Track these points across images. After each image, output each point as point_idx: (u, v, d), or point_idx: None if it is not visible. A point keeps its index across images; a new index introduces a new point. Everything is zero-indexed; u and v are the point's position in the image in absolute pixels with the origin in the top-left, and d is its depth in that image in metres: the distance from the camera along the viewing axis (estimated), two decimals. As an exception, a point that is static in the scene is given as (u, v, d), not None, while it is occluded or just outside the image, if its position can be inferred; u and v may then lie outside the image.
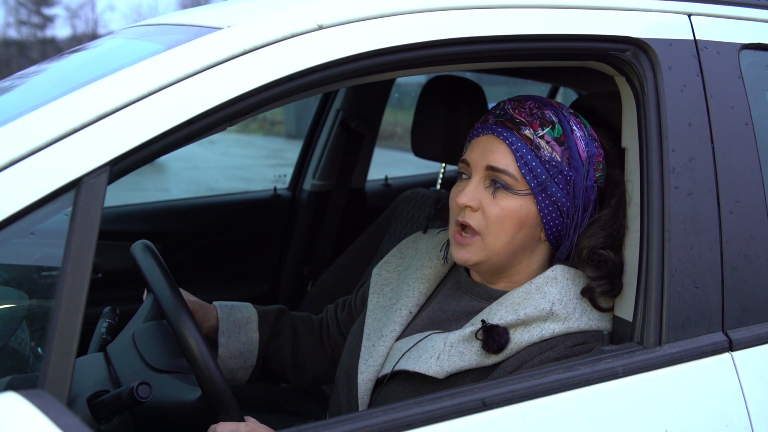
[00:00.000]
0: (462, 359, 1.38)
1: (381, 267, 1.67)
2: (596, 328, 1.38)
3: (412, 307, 1.55)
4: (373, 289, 1.64)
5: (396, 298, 1.58)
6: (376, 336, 1.54)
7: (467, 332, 1.40)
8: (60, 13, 33.74)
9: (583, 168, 1.43)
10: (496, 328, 1.37)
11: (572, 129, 1.44)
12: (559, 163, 1.41)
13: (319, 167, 3.09)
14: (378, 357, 1.51)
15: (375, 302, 1.61)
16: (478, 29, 1.30)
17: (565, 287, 1.40)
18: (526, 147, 1.40)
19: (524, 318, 1.37)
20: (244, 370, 1.66)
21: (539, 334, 1.36)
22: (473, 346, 1.38)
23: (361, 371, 1.50)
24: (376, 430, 1.16)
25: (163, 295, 1.38)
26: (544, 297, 1.39)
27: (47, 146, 1.07)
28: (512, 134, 1.41)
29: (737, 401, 1.36)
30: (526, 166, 1.40)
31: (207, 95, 1.16)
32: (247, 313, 1.69)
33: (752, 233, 1.43)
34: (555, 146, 1.42)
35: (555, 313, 1.37)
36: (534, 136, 1.41)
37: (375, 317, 1.58)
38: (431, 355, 1.40)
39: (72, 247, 1.06)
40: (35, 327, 1.31)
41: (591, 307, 1.40)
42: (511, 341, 1.36)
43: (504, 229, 1.41)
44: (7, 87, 1.57)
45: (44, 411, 0.89)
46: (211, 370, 1.28)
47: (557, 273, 1.42)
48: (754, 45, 1.53)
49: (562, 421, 1.25)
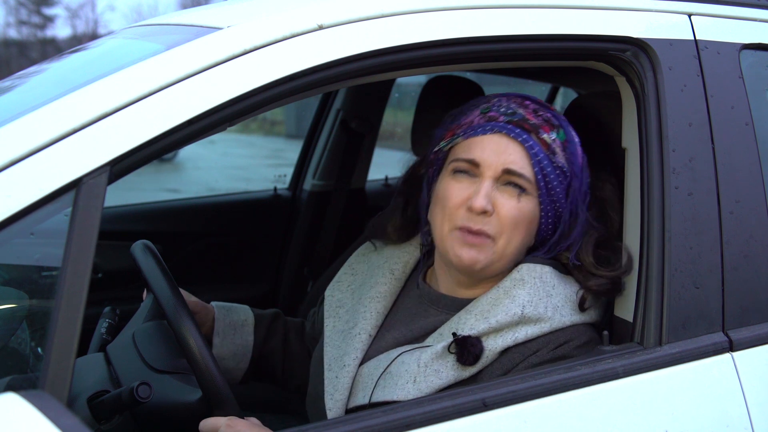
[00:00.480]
0: (439, 377, 1.34)
1: (333, 288, 1.60)
2: (571, 323, 1.36)
3: (371, 329, 1.48)
4: (328, 312, 1.56)
5: (353, 322, 1.50)
6: (338, 366, 1.46)
7: (439, 348, 1.36)
8: (60, 13, 33.78)
9: (581, 174, 1.42)
10: (469, 338, 1.33)
11: (572, 134, 1.43)
12: (566, 169, 1.40)
13: (320, 167, 3.09)
14: (343, 389, 1.43)
15: (332, 327, 1.53)
16: (478, 29, 1.30)
17: (533, 287, 1.37)
18: (544, 152, 1.37)
19: (496, 325, 1.34)
20: (237, 371, 1.65)
21: (512, 337, 1.34)
22: (448, 361, 1.35)
23: (329, 407, 1.43)
24: (376, 430, 1.16)
25: (163, 295, 1.38)
26: (514, 301, 1.35)
27: (47, 146, 1.07)
28: (531, 137, 1.37)
29: (737, 401, 1.36)
30: (541, 171, 1.37)
31: (207, 95, 1.15)
32: (243, 316, 1.68)
33: (752, 233, 1.43)
34: (562, 150, 1.40)
35: (527, 317, 1.34)
36: (551, 141, 1.38)
37: (333, 344, 1.50)
38: (407, 380, 1.35)
39: (72, 247, 1.06)
40: (35, 327, 1.31)
41: (563, 302, 1.36)
42: (486, 349, 1.33)
43: (517, 231, 1.37)
44: (8, 87, 1.57)
45: (44, 411, 0.89)
46: (211, 370, 1.28)
47: (524, 274, 1.38)
48: (755, 45, 1.53)
49: (562, 421, 1.25)
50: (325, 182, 3.08)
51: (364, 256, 1.62)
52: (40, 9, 29.27)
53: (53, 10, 30.47)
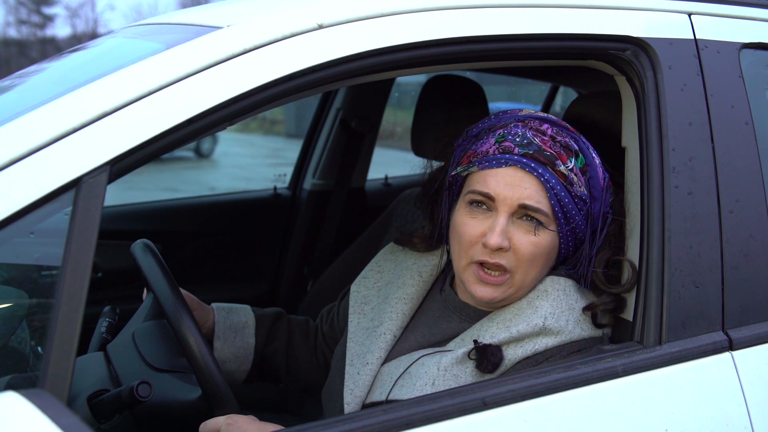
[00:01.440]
0: (457, 382, 1.35)
1: (359, 283, 1.60)
2: (589, 336, 1.37)
3: (396, 330, 1.49)
4: (353, 308, 1.57)
5: (378, 320, 1.51)
6: (360, 362, 1.47)
7: (459, 354, 1.37)
8: (60, 12, 33.78)
9: (602, 195, 1.40)
10: (489, 347, 1.34)
11: (593, 156, 1.41)
12: (586, 196, 1.39)
13: (319, 167, 3.09)
14: (363, 386, 1.45)
15: (356, 323, 1.54)
16: (478, 29, 1.30)
17: (556, 299, 1.37)
18: (561, 184, 1.35)
19: (517, 335, 1.35)
20: (239, 373, 1.65)
21: (532, 348, 1.34)
22: (467, 367, 1.36)
23: (347, 402, 1.44)
24: (377, 430, 1.16)
25: (163, 294, 1.38)
26: (536, 312, 1.36)
27: (47, 145, 1.07)
28: (546, 170, 1.35)
29: (737, 400, 1.36)
30: (558, 204, 1.35)
31: (207, 94, 1.15)
32: (244, 318, 1.67)
33: (752, 232, 1.43)
34: (581, 177, 1.38)
35: (548, 328, 1.35)
36: (568, 172, 1.36)
37: (357, 341, 1.52)
38: (425, 382, 1.36)
39: (72, 246, 1.06)
40: (35, 326, 1.31)
41: (584, 317, 1.37)
42: (505, 358, 1.34)
43: (534, 265, 1.37)
44: (7, 86, 1.57)
45: (44, 410, 0.89)
46: (211, 369, 1.28)
47: (547, 286, 1.39)
48: (755, 44, 1.53)
49: (562, 420, 1.25)
50: (325, 181, 3.08)
51: (392, 254, 1.62)
52: (40, 8, 29.26)
53: (53, 10, 30.48)
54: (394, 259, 1.60)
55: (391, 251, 1.63)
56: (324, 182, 3.08)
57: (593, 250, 1.40)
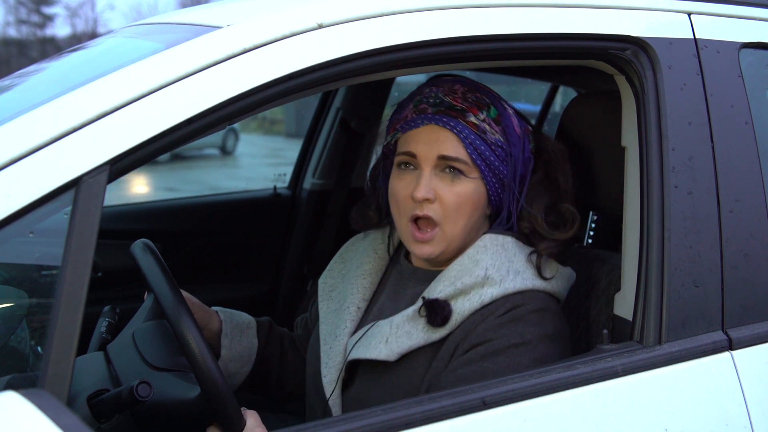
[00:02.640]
0: (410, 338, 1.41)
1: (325, 275, 1.69)
2: (532, 287, 1.41)
3: (359, 302, 1.58)
4: (322, 297, 1.66)
5: (343, 299, 1.60)
6: (332, 338, 1.56)
7: (410, 311, 1.44)
8: (60, 12, 33.79)
9: (519, 142, 1.48)
10: (436, 301, 1.40)
11: (504, 107, 1.49)
12: (503, 143, 1.46)
13: (319, 166, 3.09)
14: (336, 356, 1.53)
15: (325, 309, 1.63)
16: (478, 28, 1.30)
17: (495, 253, 1.44)
18: (474, 133, 1.44)
19: (462, 287, 1.41)
20: (240, 375, 1.68)
21: (479, 300, 1.39)
22: (419, 323, 1.42)
23: (324, 374, 1.52)
24: (376, 429, 1.16)
25: (163, 293, 1.38)
26: (478, 264, 1.43)
27: (47, 145, 1.07)
28: (458, 122, 1.44)
29: (737, 400, 1.36)
30: (476, 152, 1.44)
31: (207, 94, 1.16)
32: (246, 319, 1.72)
33: (752, 232, 1.43)
34: (495, 127, 1.46)
35: (490, 277, 1.41)
36: (478, 121, 1.44)
37: (327, 322, 1.60)
38: (379, 340, 1.43)
39: (72, 246, 1.06)
40: (35, 326, 1.31)
41: (524, 268, 1.43)
42: (454, 312, 1.40)
43: (461, 214, 1.45)
44: (7, 86, 1.57)
45: (44, 410, 0.89)
46: (210, 367, 1.28)
47: (486, 242, 1.46)
48: (754, 44, 1.53)
49: (562, 420, 1.25)
50: (324, 181, 3.08)
51: (353, 245, 1.71)
52: (40, 8, 29.26)
53: (53, 9, 30.46)
54: (354, 249, 1.70)
55: (352, 243, 1.73)
56: (324, 182, 3.08)
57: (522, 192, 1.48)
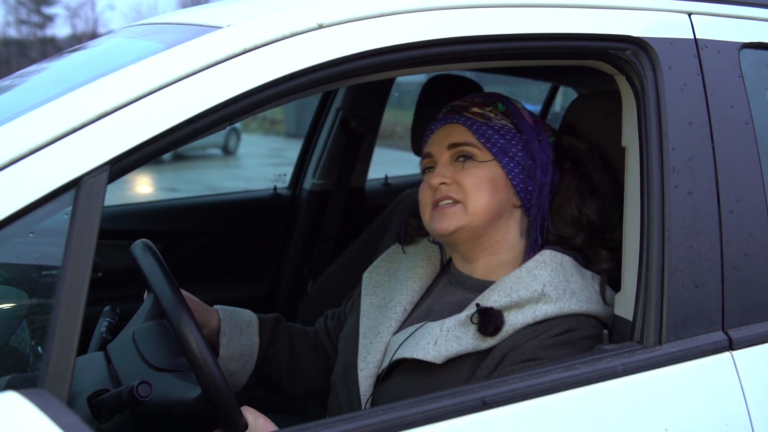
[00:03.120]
0: (459, 343, 1.41)
1: (372, 271, 1.69)
2: (586, 312, 1.41)
3: (406, 304, 1.58)
4: (365, 291, 1.66)
5: (389, 297, 1.60)
6: (373, 333, 1.56)
7: (463, 316, 1.43)
8: (60, 12, 33.79)
9: (533, 131, 1.51)
10: (491, 310, 1.40)
11: (513, 104, 1.55)
12: (511, 129, 1.50)
13: (319, 166, 3.09)
14: (376, 353, 1.53)
15: (368, 303, 1.63)
16: (478, 28, 1.30)
17: (554, 270, 1.44)
18: (478, 121, 1.51)
19: (517, 300, 1.40)
20: (242, 374, 1.67)
21: (533, 315, 1.39)
22: (469, 330, 1.41)
23: (361, 368, 1.53)
24: (377, 429, 1.16)
25: (163, 293, 1.38)
26: (535, 280, 1.42)
27: (47, 145, 1.07)
28: (462, 115, 1.52)
29: (737, 400, 1.36)
30: (483, 136, 1.49)
31: (207, 94, 1.15)
32: (247, 317, 1.71)
33: (752, 232, 1.43)
34: (502, 117, 1.52)
35: (547, 295, 1.40)
36: (483, 111, 1.52)
37: (370, 316, 1.60)
38: (428, 341, 1.43)
39: (72, 246, 1.06)
40: (35, 326, 1.31)
41: (580, 289, 1.43)
42: (506, 323, 1.39)
43: (482, 191, 1.47)
44: (7, 86, 1.57)
45: (44, 410, 0.89)
46: (210, 367, 1.28)
47: (546, 257, 1.46)
48: (755, 44, 1.53)
49: (562, 420, 1.25)
50: (325, 181, 3.08)
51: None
52: (40, 8, 29.25)
53: (53, 10, 30.46)
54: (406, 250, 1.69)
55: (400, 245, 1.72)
56: (324, 182, 3.08)
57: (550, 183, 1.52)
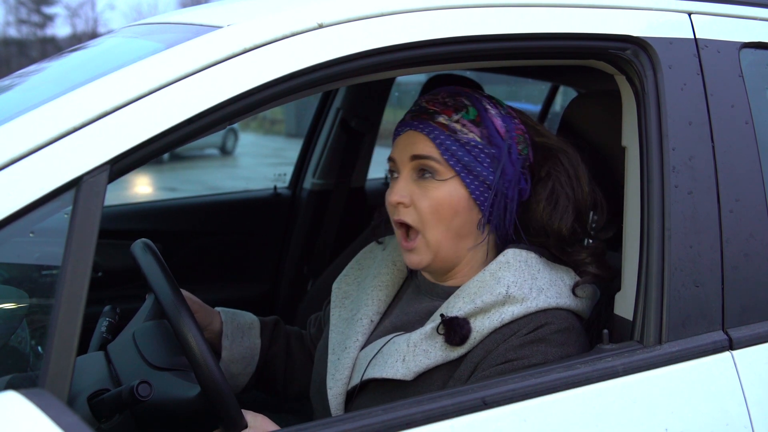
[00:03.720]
0: (427, 357, 1.37)
1: (340, 281, 1.65)
2: (555, 306, 1.37)
3: (372, 315, 1.54)
4: (334, 303, 1.62)
5: (356, 309, 1.56)
6: (340, 349, 1.52)
7: (428, 329, 1.40)
8: (60, 12, 33.76)
9: (504, 143, 1.43)
10: (456, 319, 1.37)
11: (486, 108, 1.44)
12: (479, 143, 1.41)
13: (320, 166, 3.09)
14: (344, 369, 1.49)
15: (337, 316, 1.59)
16: (477, 28, 1.30)
17: (518, 270, 1.40)
18: (444, 133, 1.41)
19: (482, 306, 1.37)
20: (243, 376, 1.67)
21: (499, 318, 1.36)
22: (436, 342, 1.38)
23: (330, 386, 1.49)
24: (377, 429, 1.16)
25: (163, 293, 1.38)
26: (499, 282, 1.39)
27: (47, 145, 1.07)
28: (428, 124, 1.42)
29: (737, 400, 1.36)
30: (447, 151, 1.40)
31: (207, 94, 1.15)
32: (249, 319, 1.71)
33: (752, 232, 1.43)
34: (472, 128, 1.42)
35: (511, 296, 1.37)
36: (449, 122, 1.42)
37: (338, 330, 1.56)
38: (396, 359, 1.40)
39: (72, 245, 1.06)
40: (35, 326, 1.31)
41: (548, 285, 1.39)
42: (474, 330, 1.36)
43: (439, 218, 1.41)
44: (7, 86, 1.57)
45: (44, 410, 0.89)
46: (210, 366, 1.28)
47: (509, 257, 1.42)
48: (755, 44, 1.53)
49: (562, 419, 1.25)
50: (325, 181, 3.08)
51: (371, 253, 1.67)
52: (40, 8, 29.25)
53: (53, 9, 30.46)
54: (372, 257, 1.66)
55: (370, 250, 1.68)
56: (324, 182, 3.08)
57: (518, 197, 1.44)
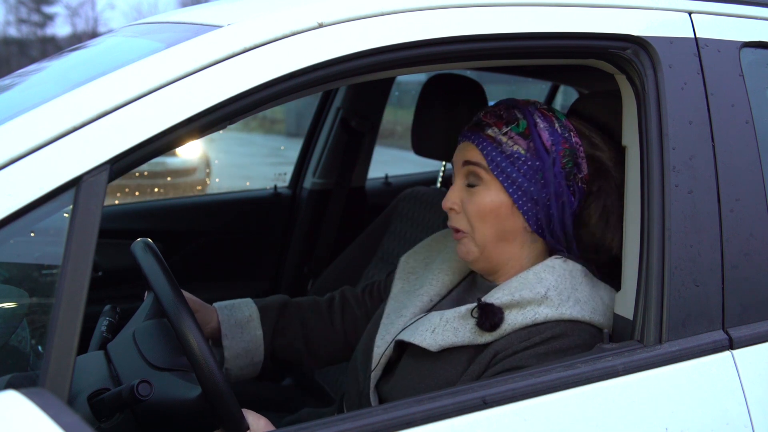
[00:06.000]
0: (456, 335, 1.43)
1: (409, 255, 1.74)
2: (589, 321, 1.40)
3: (433, 295, 1.60)
4: (399, 275, 1.70)
5: (420, 285, 1.63)
6: (396, 315, 1.60)
7: (463, 309, 1.45)
8: (60, 11, 33.74)
9: (549, 157, 1.46)
10: (491, 306, 1.41)
11: (535, 122, 1.49)
12: (523, 155, 1.46)
13: (320, 166, 3.09)
14: (394, 332, 1.56)
15: (399, 288, 1.67)
16: (478, 27, 1.30)
17: (561, 276, 1.44)
18: (491, 145, 1.47)
19: (519, 300, 1.41)
20: (252, 366, 1.69)
21: (533, 317, 1.39)
22: (468, 323, 1.43)
23: (377, 345, 1.57)
24: (377, 428, 1.16)
25: (164, 293, 1.38)
26: (540, 282, 1.43)
27: (47, 144, 1.07)
28: (478, 135, 1.50)
29: (737, 399, 1.36)
30: (492, 161, 1.46)
31: (207, 93, 1.15)
32: (248, 312, 1.71)
33: (753, 231, 1.43)
34: (519, 140, 1.47)
35: (549, 298, 1.40)
36: (497, 134, 1.48)
37: (397, 299, 1.64)
38: (427, 328, 1.46)
39: (72, 245, 1.06)
40: (36, 325, 1.31)
41: (585, 299, 1.42)
42: (505, 321, 1.40)
43: (485, 222, 1.48)
44: (7, 85, 1.57)
45: (44, 409, 0.89)
46: (210, 367, 1.28)
47: (555, 263, 1.47)
48: (755, 43, 1.53)
49: (563, 419, 1.25)
50: (325, 180, 3.08)
51: (444, 238, 1.74)
52: (40, 7, 29.24)
53: (53, 9, 30.43)
54: (444, 242, 1.72)
55: (443, 235, 1.75)
56: (324, 181, 3.08)
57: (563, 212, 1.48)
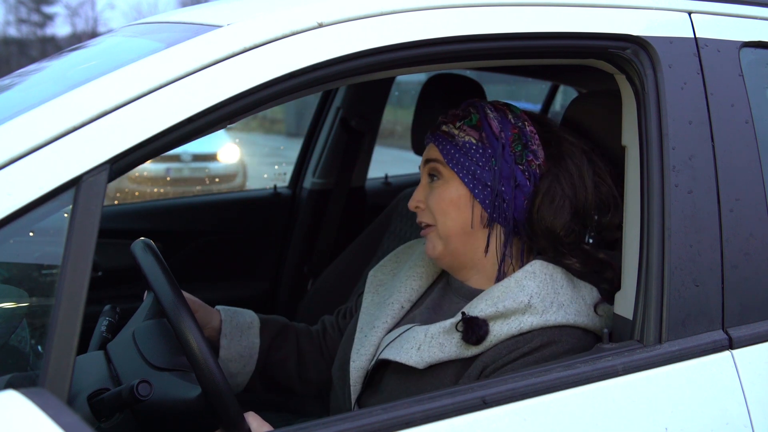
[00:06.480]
0: (441, 350, 1.42)
1: (377, 270, 1.73)
2: (573, 324, 1.40)
3: (404, 302, 1.60)
4: (368, 289, 1.69)
5: (389, 295, 1.62)
6: (369, 328, 1.59)
7: (448, 324, 1.44)
8: (60, 11, 33.72)
9: (498, 143, 1.50)
10: (476, 319, 1.41)
11: (486, 114, 1.54)
12: (475, 144, 1.51)
13: (319, 165, 3.09)
14: (369, 347, 1.56)
15: (369, 301, 1.67)
16: (477, 27, 1.30)
17: (542, 281, 1.44)
18: (446, 139, 1.54)
19: (503, 310, 1.41)
20: (243, 375, 1.68)
21: (518, 326, 1.39)
22: (453, 337, 1.42)
23: (353, 360, 1.56)
24: (377, 428, 1.16)
25: (163, 293, 1.38)
26: (523, 290, 1.42)
27: (47, 144, 1.07)
28: (436, 135, 1.57)
29: (737, 399, 1.36)
30: (447, 155, 1.52)
31: (207, 93, 1.15)
32: (249, 319, 1.72)
33: (752, 231, 1.43)
34: (471, 132, 1.52)
35: (533, 306, 1.40)
36: (450, 129, 1.54)
37: (368, 312, 1.64)
38: (412, 346, 1.45)
39: (72, 245, 1.06)
40: (35, 325, 1.31)
41: (569, 302, 1.42)
42: (491, 333, 1.40)
43: (446, 215, 1.51)
44: (7, 85, 1.57)
45: (44, 409, 0.89)
46: (210, 367, 1.28)
47: (536, 268, 1.46)
48: (755, 43, 1.53)
49: (562, 419, 1.25)
50: (325, 180, 3.08)
51: (410, 248, 1.75)
52: (40, 7, 29.23)
53: (53, 9, 30.43)
54: (411, 251, 1.72)
55: (410, 246, 1.76)
56: (324, 181, 3.08)
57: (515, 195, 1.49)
